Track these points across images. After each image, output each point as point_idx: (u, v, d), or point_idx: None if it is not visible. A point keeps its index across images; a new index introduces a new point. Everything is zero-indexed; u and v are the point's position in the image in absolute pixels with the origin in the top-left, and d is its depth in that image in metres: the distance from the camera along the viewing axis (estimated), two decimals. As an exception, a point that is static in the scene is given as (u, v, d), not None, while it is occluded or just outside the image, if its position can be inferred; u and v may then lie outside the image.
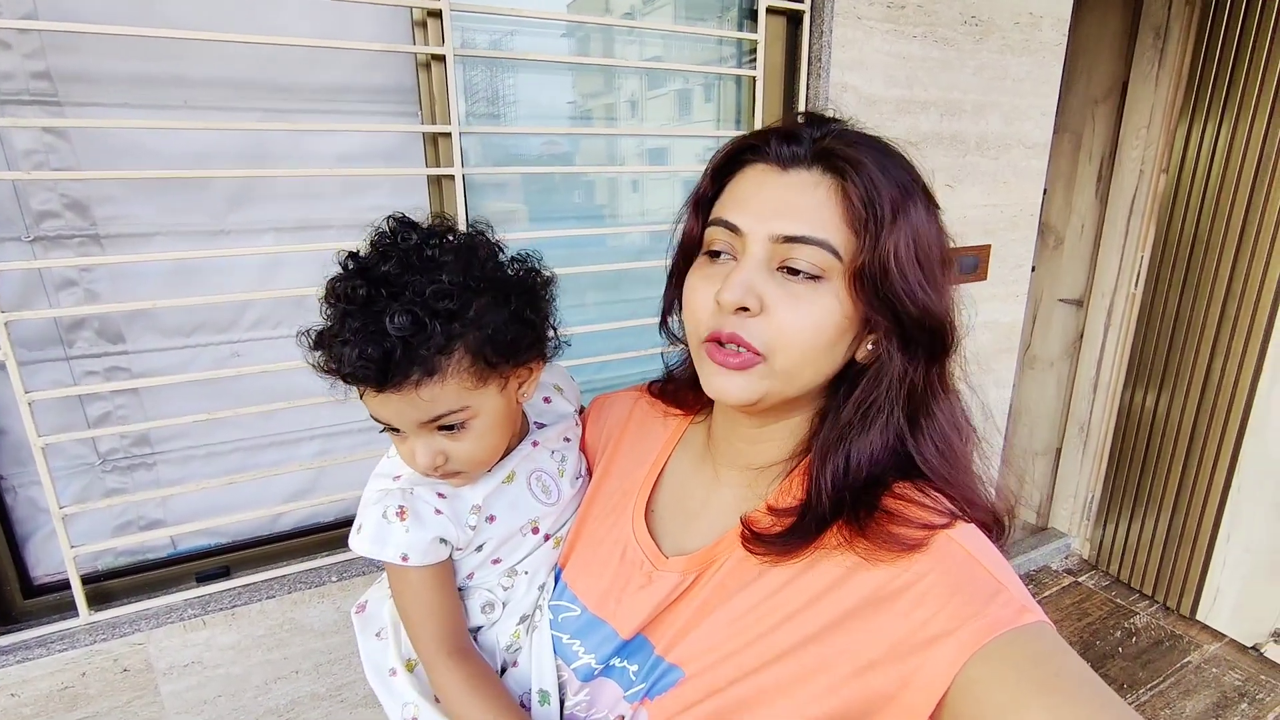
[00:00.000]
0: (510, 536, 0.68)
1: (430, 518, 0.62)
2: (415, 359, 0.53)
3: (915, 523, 0.50)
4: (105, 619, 1.10)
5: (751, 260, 0.51)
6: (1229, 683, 2.07)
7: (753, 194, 0.53)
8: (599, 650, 0.62)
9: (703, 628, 0.56)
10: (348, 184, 1.22)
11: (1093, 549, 2.67)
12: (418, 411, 0.56)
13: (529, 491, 0.69)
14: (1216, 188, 2.11)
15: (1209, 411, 2.20)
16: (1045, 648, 0.44)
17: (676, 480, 0.68)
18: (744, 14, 1.52)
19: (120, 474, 1.19)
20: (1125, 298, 2.45)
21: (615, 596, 0.62)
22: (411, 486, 0.64)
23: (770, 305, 0.51)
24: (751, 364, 0.52)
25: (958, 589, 0.47)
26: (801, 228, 0.50)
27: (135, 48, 1.05)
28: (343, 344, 0.53)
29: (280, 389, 1.21)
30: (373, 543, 0.61)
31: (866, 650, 0.48)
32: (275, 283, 1.20)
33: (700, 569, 0.59)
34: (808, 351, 0.52)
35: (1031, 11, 1.72)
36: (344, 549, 1.28)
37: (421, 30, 1.17)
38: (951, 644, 0.44)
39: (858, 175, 0.50)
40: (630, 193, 1.59)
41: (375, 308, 0.53)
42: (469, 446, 0.60)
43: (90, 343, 1.13)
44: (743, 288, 0.50)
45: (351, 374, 0.54)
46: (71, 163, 1.06)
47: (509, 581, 0.68)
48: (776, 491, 0.59)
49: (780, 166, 0.53)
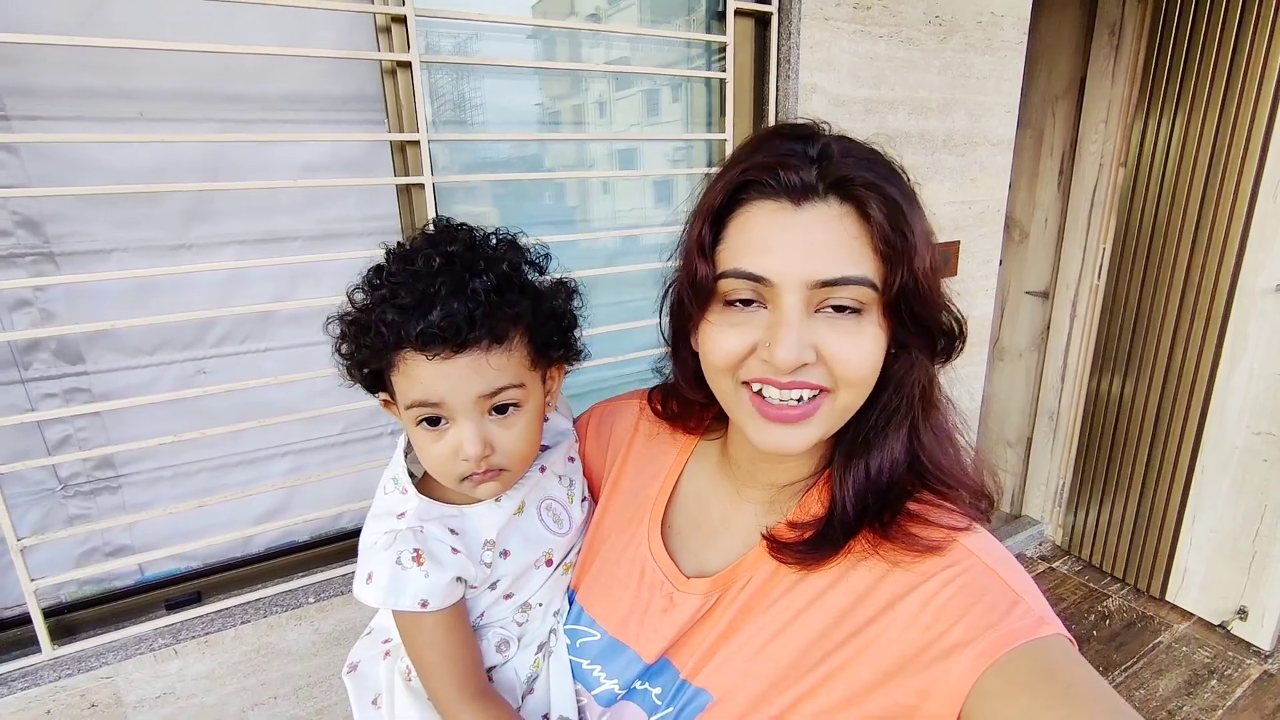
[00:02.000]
0: (524, 571, 0.65)
1: (448, 557, 0.58)
2: (494, 320, 0.54)
3: (938, 524, 0.51)
4: (70, 653, 1.06)
5: (793, 313, 0.48)
6: (1199, 660, 2.13)
7: (770, 237, 0.49)
8: (621, 675, 0.60)
9: (728, 649, 0.55)
10: (312, 195, 1.19)
11: (1065, 535, 2.74)
12: (483, 381, 0.55)
13: (540, 523, 0.67)
14: (1173, 180, 2.17)
15: (1171, 397, 2.26)
16: (1061, 661, 0.44)
17: (692, 497, 0.66)
18: (711, 15, 1.52)
19: (83, 499, 1.15)
20: (1089, 289, 2.51)
21: (637, 619, 0.61)
22: (421, 524, 0.59)
23: (825, 349, 0.49)
24: (816, 408, 0.50)
25: (976, 600, 0.47)
26: (838, 268, 0.47)
27: (85, 59, 1.01)
28: (422, 305, 0.53)
29: (248, 406, 1.18)
30: (388, 593, 0.56)
31: (887, 661, 0.48)
32: (239, 297, 1.17)
33: (723, 589, 0.58)
34: (865, 380, 0.51)
35: (993, 11, 1.75)
36: (320, 569, 1.24)
37: (386, 36, 1.14)
38: (969, 654, 0.44)
39: (880, 202, 0.47)
40: (601, 195, 1.58)
41: (455, 272, 0.54)
42: (515, 437, 0.59)
43: (48, 364, 1.09)
44: (799, 345, 0.48)
45: (432, 333, 0.52)
46: (21, 179, 1.02)
47: (523, 616, 0.66)
48: (796, 508, 0.58)
49: (792, 202, 0.49)
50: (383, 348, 0.55)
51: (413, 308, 0.53)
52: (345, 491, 1.31)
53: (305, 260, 1.16)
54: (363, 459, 1.33)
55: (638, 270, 1.47)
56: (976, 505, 0.55)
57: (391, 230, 1.26)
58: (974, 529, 0.52)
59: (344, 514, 1.32)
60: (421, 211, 1.21)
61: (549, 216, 1.52)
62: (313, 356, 1.25)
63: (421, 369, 0.54)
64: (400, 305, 0.53)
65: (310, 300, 1.18)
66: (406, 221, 1.23)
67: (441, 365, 0.54)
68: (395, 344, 0.54)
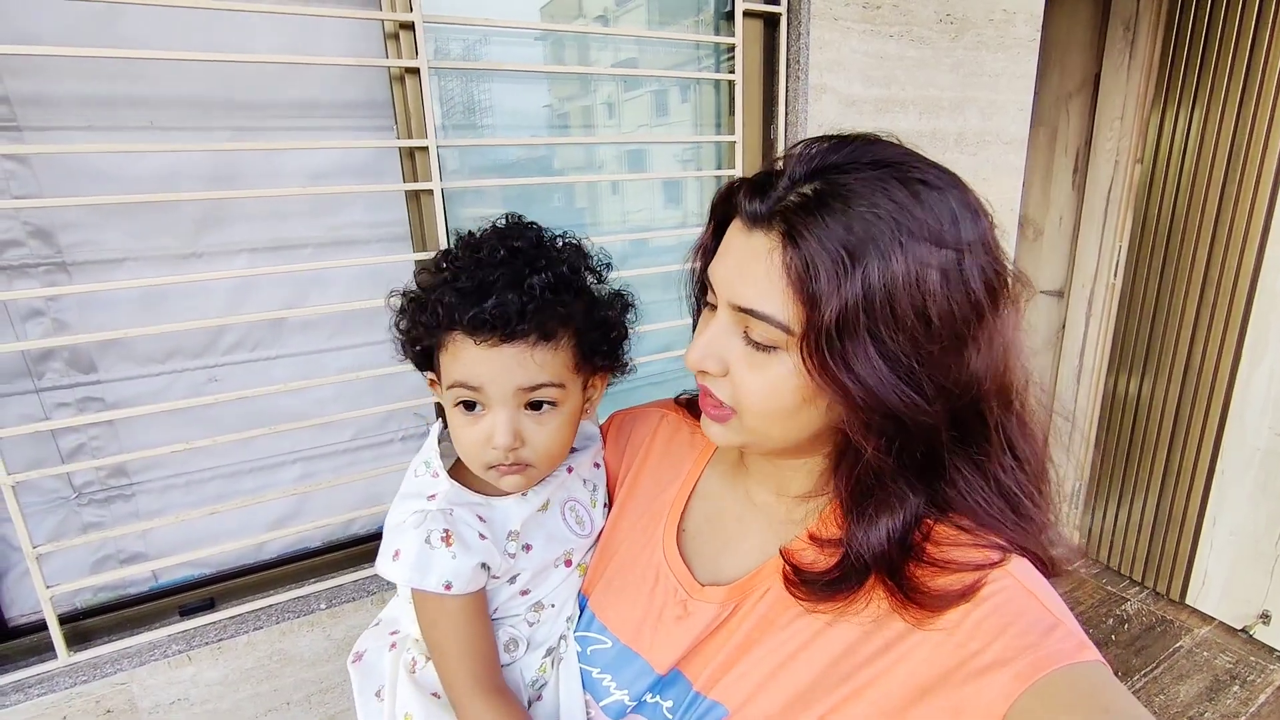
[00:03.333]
0: (544, 568, 0.66)
1: (475, 542, 0.59)
2: (544, 317, 0.56)
3: (965, 566, 0.47)
4: (85, 659, 1.06)
5: (718, 324, 0.52)
6: (1220, 665, 2.10)
7: (724, 255, 0.52)
8: (632, 686, 0.59)
9: (746, 663, 0.54)
10: (321, 202, 1.19)
11: (1082, 537, 2.70)
12: (524, 373, 0.57)
13: (563, 522, 0.67)
14: (1191, 176, 2.13)
15: (1191, 397, 2.22)
16: (1102, 688, 0.42)
17: (709, 501, 0.66)
18: (720, 16, 1.51)
19: (97, 507, 1.16)
20: (1105, 287, 2.48)
21: (650, 628, 0.60)
22: (451, 507, 0.60)
23: (732, 368, 0.51)
24: (725, 417, 0.53)
25: (1013, 621, 0.46)
26: (751, 300, 0.48)
27: (96, 69, 1.02)
28: (478, 291, 0.55)
29: (260, 413, 1.18)
30: (414, 570, 0.57)
31: (919, 679, 0.47)
32: (250, 305, 1.17)
33: (739, 599, 0.57)
34: (769, 414, 0.51)
35: (1005, 8, 1.73)
36: (332, 575, 1.25)
37: (394, 43, 1.14)
38: (1006, 674, 0.43)
39: (803, 238, 0.44)
40: (610, 196, 1.57)
41: (516, 265, 0.57)
42: (546, 435, 0.60)
43: (61, 373, 1.10)
44: (701, 351, 0.52)
45: (483, 319, 0.55)
46: (33, 189, 1.02)
47: (535, 616, 0.65)
48: (818, 521, 0.57)
49: (747, 226, 0.49)
50: (436, 326, 0.58)
51: (470, 293, 0.55)
52: (356, 498, 1.31)
53: (315, 267, 1.16)
54: (373, 465, 1.33)
55: (648, 274, 1.46)
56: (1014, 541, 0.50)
57: (401, 236, 1.26)
58: (1008, 559, 0.48)
59: (355, 520, 1.32)
60: (430, 217, 1.21)
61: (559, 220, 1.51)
62: (323, 363, 1.25)
63: (468, 352, 0.57)
64: (459, 289, 0.56)
65: (320, 307, 1.18)
66: (416, 227, 1.23)
67: (487, 352, 0.56)
68: (448, 324, 0.57)
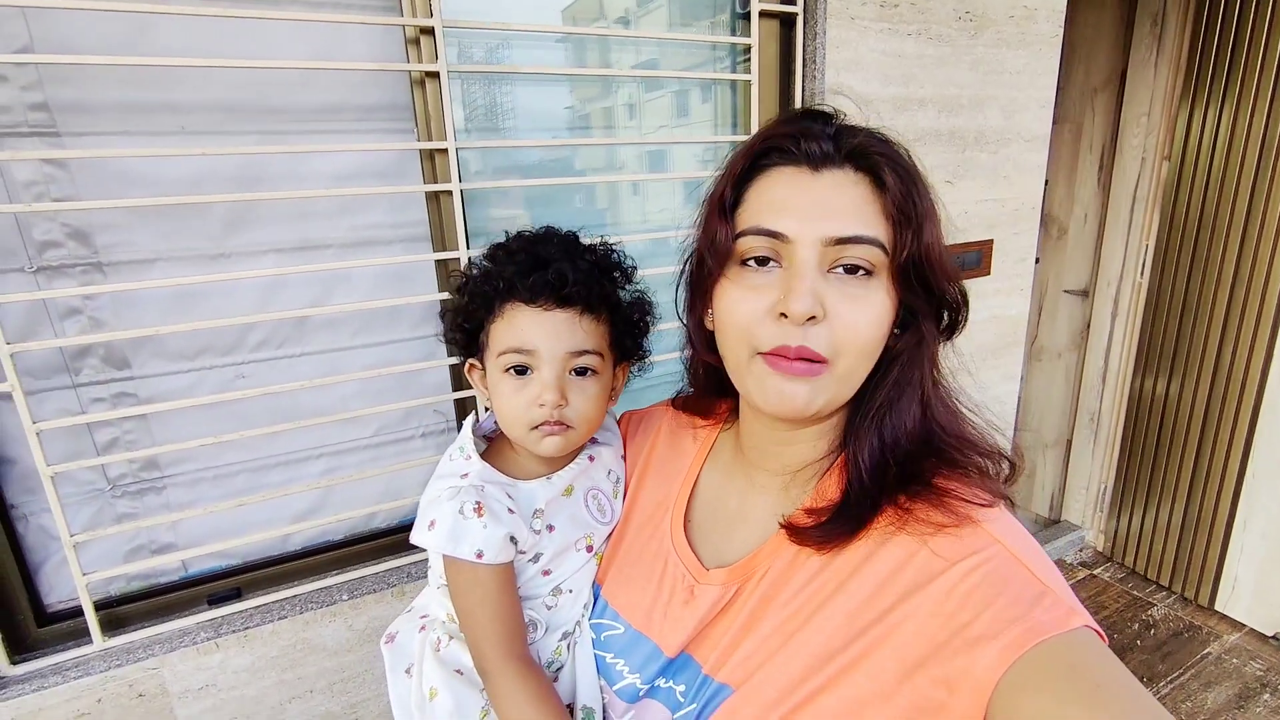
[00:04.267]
0: (565, 549, 0.69)
1: (504, 515, 0.63)
2: (590, 289, 0.65)
3: (959, 495, 0.52)
4: (119, 644, 1.10)
5: (808, 266, 0.51)
6: (1250, 673, 2.05)
7: (790, 198, 0.52)
8: (644, 670, 0.61)
9: (750, 642, 0.55)
10: (345, 203, 1.23)
11: (1107, 540, 2.65)
12: (573, 338, 0.64)
13: (585, 508, 0.71)
14: (1220, 172, 2.09)
15: (1220, 398, 2.18)
16: (1089, 656, 0.43)
17: (711, 490, 0.68)
18: (737, 17, 1.52)
19: (130, 498, 1.20)
20: (1131, 286, 2.43)
21: (660, 612, 0.62)
22: (483, 484, 0.65)
23: (831, 309, 0.51)
24: (817, 372, 0.52)
25: (1001, 591, 0.46)
26: (852, 227, 0.50)
27: (130, 76, 1.06)
28: (537, 263, 0.64)
29: (286, 409, 1.21)
30: (448, 539, 0.61)
31: (912, 652, 0.47)
32: (277, 303, 1.21)
33: (742, 580, 0.58)
34: (866, 349, 0.53)
35: (1026, 5, 1.71)
36: (354, 567, 1.28)
37: (415, 48, 1.17)
38: (995, 647, 0.44)
39: (893, 172, 0.51)
40: (631, 197, 1.58)
41: (567, 248, 0.67)
42: (587, 399, 0.66)
43: (96, 369, 1.14)
44: (812, 297, 0.50)
45: (543, 283, 0.63)
46: (71, 192, 1.07)
47: (553, 600, 0.69)
48: (813, 494, 0.58)
49: (812, 168, 0.52)
50: (495, 295, 0.64)
51: (529, 265, 0.64)
52: (378, 492, 1.34)
53: (339, 267, 1.19)
54: (395, 461, 1.36)
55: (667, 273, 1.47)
56: (997, 473, 0.56)
57: (421, 236, 1.28)
58: (998, 507, 0.52)
59: (377, 514, 1.35)
60: (450, 217, 1.23)
61: (580, 218, 1.53)
62: (347, 361, 1.29)
63: (524, 317, 0.63)
64: (519, 263, 0.64)
65: (345, 305, 1.22)
66: (436, 227, 1.26)
67: (540, 315, 0.63)
68: (507, 293, 0.64)
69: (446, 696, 0.64)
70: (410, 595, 1.26)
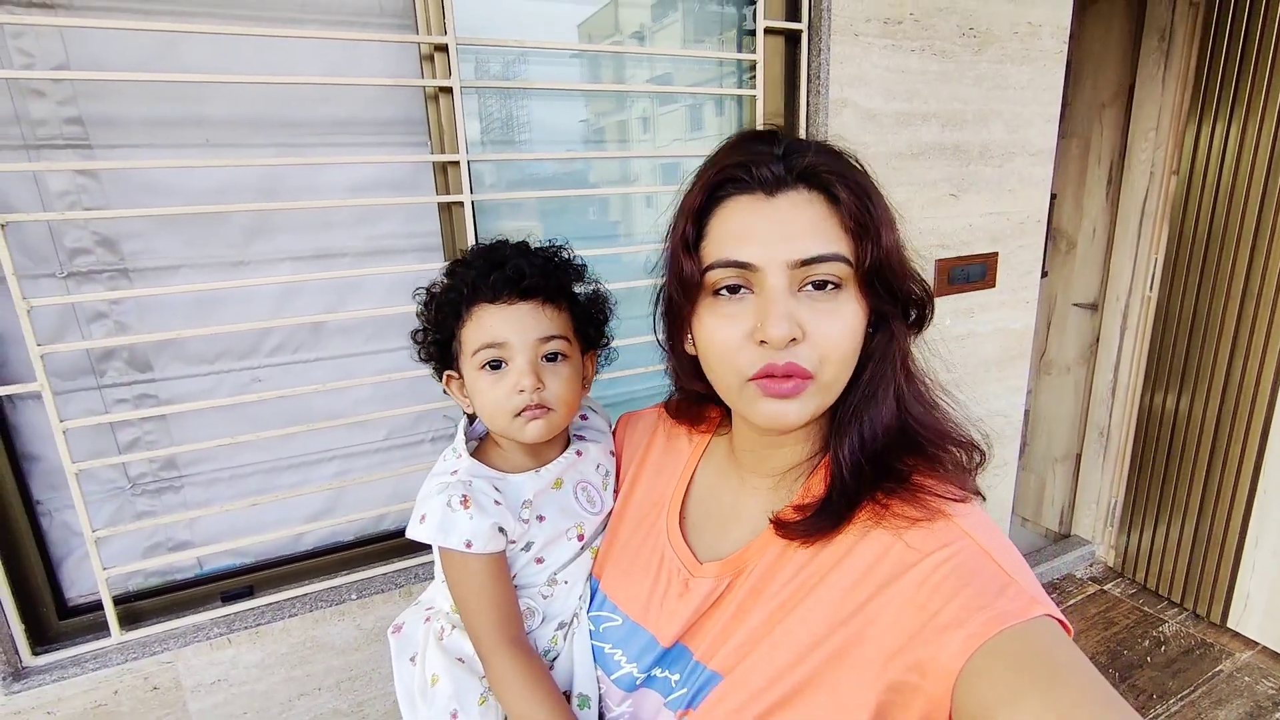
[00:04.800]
0: (556, 538, 0.73)
1: (490, 506, 0.67)
2: (547, 282, 0.70)
3: (934, 492, 0.54)
4: (136, 638, 1.14)
5: (778, 291, 0.52)
6: (1262, 692, 2.02)
7: (750, 226, 0.54)
8: (640, 659, 0.64)
9: (741, 632, 0.58)
10: (361, 213, 1.27)
11: (1118, 556, 2.63)
12: (538, 325, 0.69)
13: (575, 499, 0.75)
14: (1229, 187, 2.09)
15: (1231, 412, 2.16)
16: (1048, 642, 0.45)
17: (705, 489, 0.71)
18: (743, 33, 1.55)
19: (149, 497, 1.24)
20: (1140, 300, 2.43)
21: (656, 604, 0.65)
22: (470, 479, 0.69)
23: (809, 327, 0.53)
24: (803, 388, 0.54)
25: (968, 582, 0.49)
26: (815, 247, 0.52)
27: (159, 91, 1.11)
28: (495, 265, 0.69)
29: (299, 412, 1.25)
30: (437, 530, 0.66)
31: (889, 639, 0.50)
32: (293, 310, 1.25)
33: (734, 573, 0.61)
34: (845, 357, 0.55)
35: (1030, 20, 1.74)
36: (363, 567, 1.31)
37: (429, 64, 1.21)
38: (960, 635, 0.46)
39: (845, 186, 0.53)
40: (644, 207, 1.61)
41: (520, 248, 0.73)
42: (561, 382, 0.71)
43: (120, 371, 1.18)
44: (788, 321, 0.52)
45: (503, 279, 0.68)
46: (102, 202, 1.12)
47: (549, 590, 0.72)
48: (801, 491, 0.61)
49: (766, 193, 0.54)
50: (460, 302, 0.69)
51: (487, 269, 0.69)
52: (387, 494, 1.37)
53: (354, 275, 1.23)
54: (404, 464, 1.39)
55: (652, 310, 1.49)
56: (970, 461, 0.58)
57: (434, 246, 1.32)
58: (969, 502, 0.55)
59: (386, 515, 1.38)
60: (461, 228, 1.27)
61: (592, 231, 1.57)
62: (360, 366, 1.32)
63: (490, 315, 0.68)
64: (477, 269, 0.69)
65: (358, 312, 1.25)
66: (448, 237, 1.30)
67: (506, 310, 0.68)
68: (472, 297, 0.69)
69: (447, 682, 0.67)
70: (417, 595, 1.29)
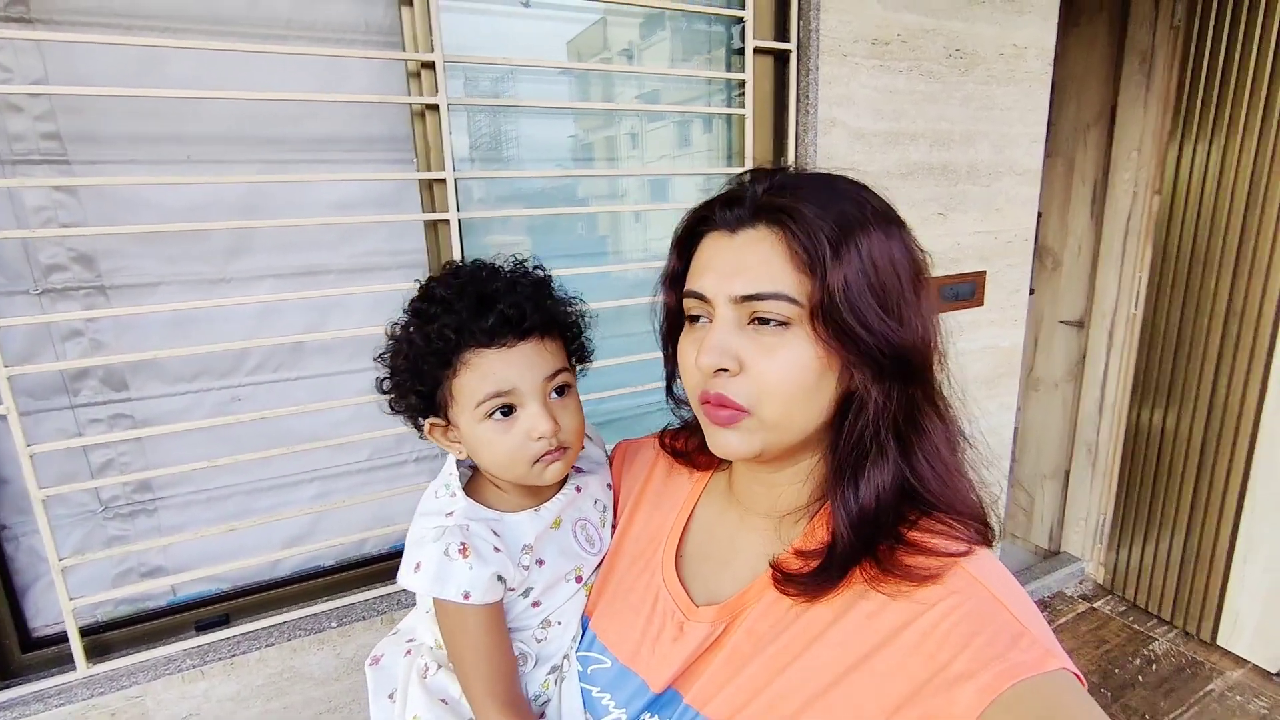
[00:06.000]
0: (556, 582, 0.69)
1: (490, 554, 0.62)
2: (543, 311, 0.64)
3: (936, 552, 0.51)
4: (103, 672, 1.09)
5: (721, 322, 0.54)
6: (1254, 711, 2.02)
7: (710, 260, 0.56)
8: (630, 705, 0.61)
9: (737, 681, 0.55)
10: (345, 231, 1.25)
11: (1107, 573, 2.63)
12: (545, 364, 0.64)
13: (574, 540, 0.71)
14: (1210, 207, 2.12)
15: (1217, 429, 2.18)
16: (1065, 698, 0.43)
17: (704, 527, 0.68)
18: (732, 53, 1.55)
19: (122, 520, 1.20)
20: (1126, 318, 2.45)
21: (648, 648, 0.62)
22: (468, 522, 0.64)
23: (747, 361, 0.53)
24: (736, 419, 0.54)
25: (979, 630, 0.47)
26: (757, 284, 0.52)
27: (139, 107, 1.09)
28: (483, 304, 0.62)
29: (279, 433, 1.22)
30: (434, 581, 0.60)
31: (894, 693, 0.48)
32: (274, 329, 1.22)
33: (731, 617, 0.59)
34: (792, 397, 0.53)
35: (1015, 43, 1.76)
36: (344, 593, 1.27)
37: (416, 81, 1.20)
38: (973, 687, 0.44)
39: (794, 221, 0.52)
40: (633, 224, 1.60)
41: (501, 279, 0.65)
42: (573, 415, 0.67)
43: (95, 390, 1.15)
44: (717, 351, 0.53)
45: (500, 323, 0.61)
46: (79, 218, 1.09)
47: (543, 633, 0.68)
48: (802, 536, 0.59)
49: (729, 231, 0.56)
50: (447, 352, 0.62)
51: (475, 309, 0.61)
52: (369, 518, 1.34)
53: (336, 293, 1.21)
54: (387, 486, 1.36)
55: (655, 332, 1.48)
56: (979, 529, 0.55)
57: (419, 264, 1.30)
58: (974, 552, 0.52)
59: (368, 540, 1.35)
60: (447, 246, 1.25)
61: (581, 245, 1.55)
62: (341, 385, 1.29)
63: (490, 362, 0.62)
64: (459, 311, 0.61)
65: (340, 331, 1.23)
66: (434, 255, 1.28)
67: (508, 354, 0.62)
68: (461, 344, 0.61)
69: None
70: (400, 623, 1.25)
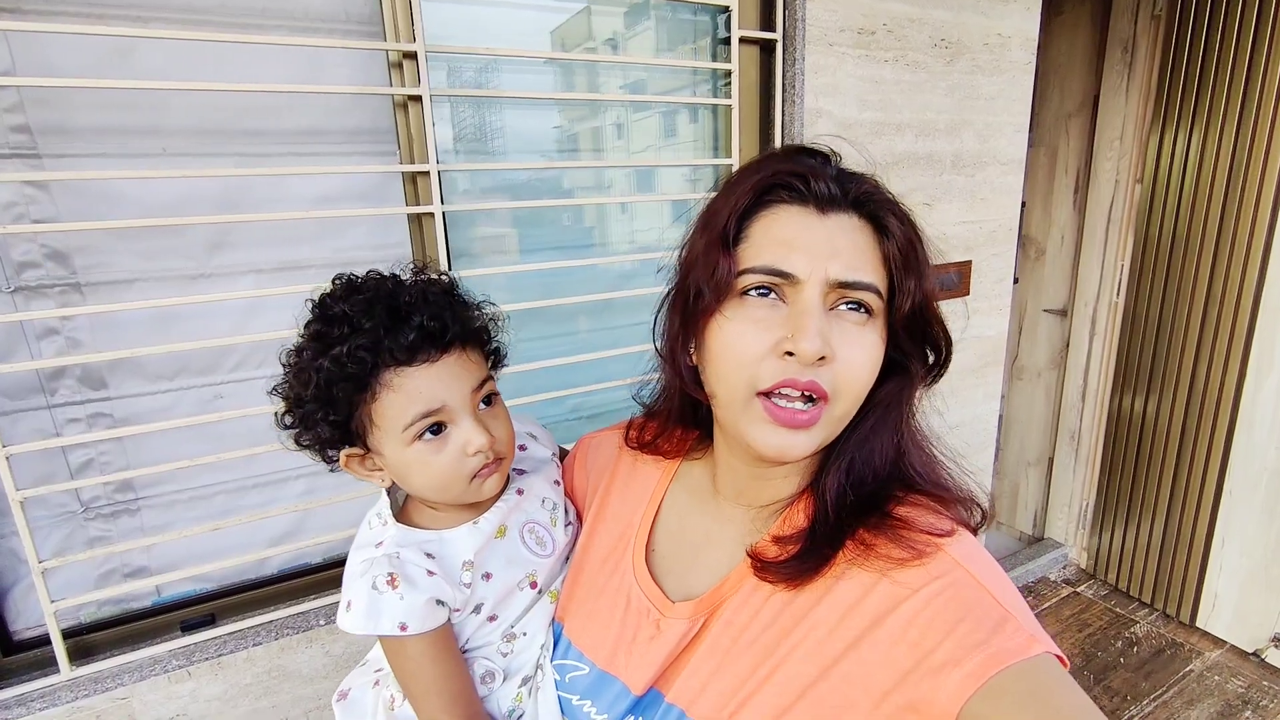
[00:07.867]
0: (508, 593, 0.65)
1: (423, 580, 0.59)
2: (460, 320, 0.60)
3: (926, 529, 0.52)
4: (87, 674, 1.08)
5: (815, 307, 0.50)
6: (1232, 690, 2.06)
7: (798, 237, 0.52)
8: (612, 710, 0.59)
9: (719, 677, 0.54)
10: (327, 225, 1.23)
11: (1090, 558, 2.67)
12: (470, 376, 0.61)
13: (523, 545, 0.67)
14: (1191, 195, 2.14)
15: (1196, 415, 2.21)
16: (1050, 682, 0.43)
17: (675, 518, 0.66)
18: (718, 43, 1.54)
19: (104, 520, 1.18)
20: (1108, 306, 2.48)
21: (625, 649, 0.60)
22: (397, 550, 0.60)
23: (836, 350, 0.50)
24: (818, 417, 0.51)
25: (964, 616, 0.47)
26: (856, 272, 0.51)
27: (113, 99, 1.06)
28: (398, 320, 0.57)
29: (263, 430, 1.20)
30: (366, 618, 0.57)
31: (880, 682, 0.48)
32: (256, 325, 1.20)
33: (709, 611, 0.58)
34: (861, 392, 0.53)
35: (1000, 33, 1.76)
36: (331, 591, 1.26)
37: (398, 71, 1.18)
38: (957, 674, 0.44)
39: (896, 220, 0.53)
40: (619, 215, 1.60)
41: (409, 290, 0.60)
42: (504, 423, 0.65)
43: (72, 390, 1.13)
44: (821, 338, 0.49)
45: (426, 334, 0.57)
46: (52, 213, 1.06)
47: (508, 647, 0.66)
48: (779, 523, 0.58)
49: (819, 209, 0.53)
50: (363, 374, 0.56)
51: (389, 325, 0.56)
52: (357, 514, 1.32)
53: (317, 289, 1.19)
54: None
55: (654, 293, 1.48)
56: (970, 518, 0.56)
57: (403, 258, 1.28)
58: (959, 533, 0.52)
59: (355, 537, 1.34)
60: (432, 239, 1.24)
61: (567, 237, 1.54)
62: (326, 381, 1.28)
63: (414, 381, 0.58)
64: (369, 330, 0.56)
65: (324, 326, 1.21)
66: (418, 249, 1.26)
67: (431, 370, 0.58)
68: (376, 367, 0.56)
69: None
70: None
